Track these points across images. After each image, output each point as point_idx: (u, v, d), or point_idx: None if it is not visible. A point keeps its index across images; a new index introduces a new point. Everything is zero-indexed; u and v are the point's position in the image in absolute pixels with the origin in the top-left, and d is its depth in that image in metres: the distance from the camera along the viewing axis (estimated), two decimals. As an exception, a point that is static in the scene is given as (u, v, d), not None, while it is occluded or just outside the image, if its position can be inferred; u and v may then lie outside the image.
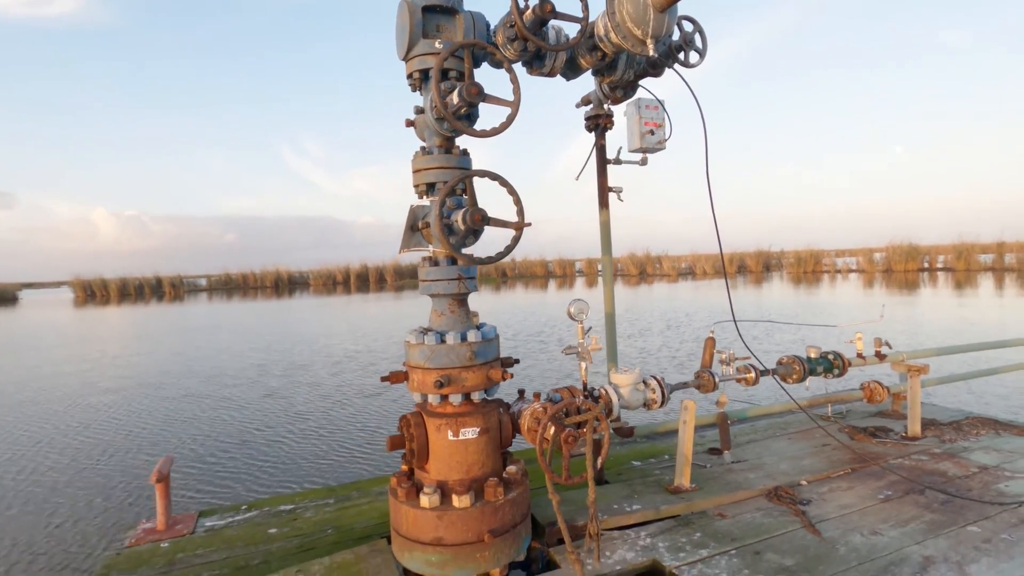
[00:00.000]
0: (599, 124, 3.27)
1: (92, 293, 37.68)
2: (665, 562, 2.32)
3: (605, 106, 3.24)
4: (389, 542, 2.45)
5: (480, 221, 2.04)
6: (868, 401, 3.90)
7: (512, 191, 2.08)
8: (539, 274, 44.40)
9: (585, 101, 3.34)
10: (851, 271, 33.13)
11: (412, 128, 2.43)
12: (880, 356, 3.62)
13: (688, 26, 2.59)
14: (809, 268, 34.99)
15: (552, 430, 2.19)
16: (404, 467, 2.43)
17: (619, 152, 3.34)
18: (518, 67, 2.49)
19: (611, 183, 3.39)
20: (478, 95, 2.01)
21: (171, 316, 22.90)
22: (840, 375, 3.37)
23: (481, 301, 24.37)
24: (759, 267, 37.75)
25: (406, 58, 2.29)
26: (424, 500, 2.17)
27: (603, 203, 3.35)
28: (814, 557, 2.32)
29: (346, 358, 10.84)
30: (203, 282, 44.43)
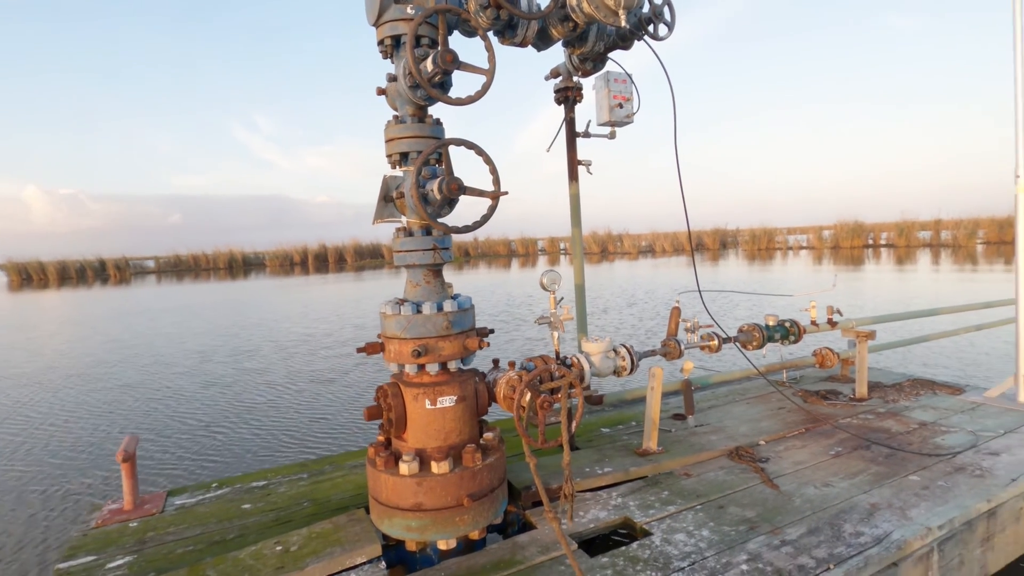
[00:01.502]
0: (568, 96, 3.29)
1: (28, 277, 35.52)
2: (636, 519, 2.44)
3: (574, 78, 3.26)
4: (367, 511, 2.48)
5: (456, 190, 2.04)
6: (820, 366, 4.12)
7: (488, 160, 2.09)
8: (502, 253, 44.44)
9: (554, 73, 3.34)
10: (802, 248, 34.52)
11: (383, 97, 2.38)
12: (832, 323, 3.82)
13: (656, -2, 2.62)
14: (763, 245, 36.24)
15: (528, 396, 2.24)
16: (381, 437, 2.44)
17: (588, 125, 3.38)
18: (490, 36, 2.47)
19: (580, 156, 3.43)
20: (453, 62, 2.00)
21: (122, 299, 21.87)
22: (796, 341, 3.55)
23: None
24: (716, 244, 38.86)
25: (377, 23, 2.24)
26: (403, 468, 2.19)
27: (573, 176, 3.39)
28: (772, 508, 2.47)
29: (301, 341, 10.65)
30: (151, 264, 42.54)
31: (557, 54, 3.23)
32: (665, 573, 2.04)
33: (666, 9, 2.66)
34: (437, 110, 2.40)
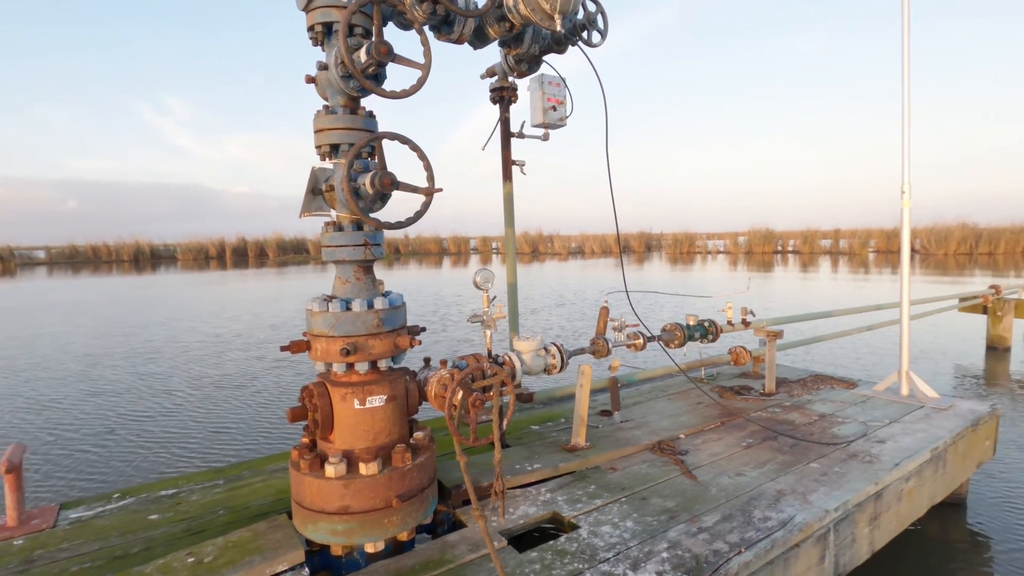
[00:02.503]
0: (504, 96, 3.31)
1: None
2: (564, 513, 2.49)
3: (510, 79, 3.28)
4: (290, 517, 2.38)
5: (389, 185, 2.00)
6: (734, 363, 4.39)
7: (422, 155, 2.06)
8: (433, 251, 43.98)
9: (490, 72, 3.35)
10: (719, 252, 36.64)
11: (312, 85, 2.29)
12: (746, 323, 4.09)
13: (592, 6, 2.69)
14: (684, 249, 38.15)
15: (460, 395, 2.24)
16: (305, 439, 2.35)
17: (523, 126, 3.41)
18: (426, 31, 2.44)
19: (514, 157, 3.46)
20: (388, 55, 1.95)
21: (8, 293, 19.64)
22: (714, 340, 3.76)
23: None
24: (641, 248, 40.44)
25: (307, 8, 2.15)
26: (330, 470, 2.12)
27: (507, 176, 3.41)
28: (691, 498, 2.61)
29: (209, 343, 10.05)
30: (42, 254, 38.52)
31: (493, 53, 3.25)
32: (591, 564, 2.10)
33: (599, 17, 2.73)
34: (369, 101, 2.34)
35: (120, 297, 17.35)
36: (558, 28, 2.26)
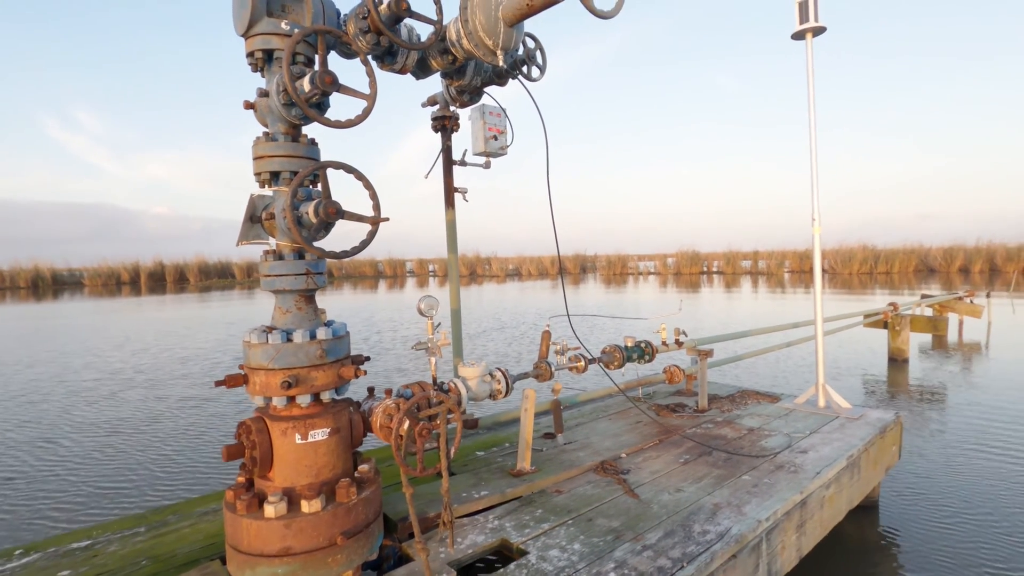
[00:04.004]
0: (445, 126, 3.36)
1: None
2: (512, 539, 2.49)
3: (451, 108, 3.34)
4: (223, 563, 2.24)
5: (335, 214, 1.98)
6: (669, 382, 4.58)
7: (368, 185, 2.06)
8: (369, 274, 43.04)
9: (431, 101, 3.39)
10: (650, 273, 38.16)
11: (252, 111, 2.24)
12: (679, 343, 4.28)
13: (531, 43, 2.80)
14: (617, 271, 39.44)
15: (407, 424, 2.21)
16: (240, 478, 2.23)
17: (464, 154, 3.47)
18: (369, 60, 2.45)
19: (456, 183, 3.50)
20: (332, 84, 1.95)
21: None
22: (650, 360, 3.92)
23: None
24: (576, 269, 41.43)
25: (246, 35, 2.12)
26: (269, 510, 2.02)
27: (449, 203, 3.45)
28: (635, 516, 2.68)
29: (101, 381, 9.35)
30: (-83, 281, 34.41)
31: (434, 82, 3.30)
32: (542, 590, 2.11)
33: (538, 53, 2.86)
34: (310, 128, 2.31)
35: (6, 329, 15.75)
36: (500, 63, 2.35)
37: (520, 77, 2.82)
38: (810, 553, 3.05)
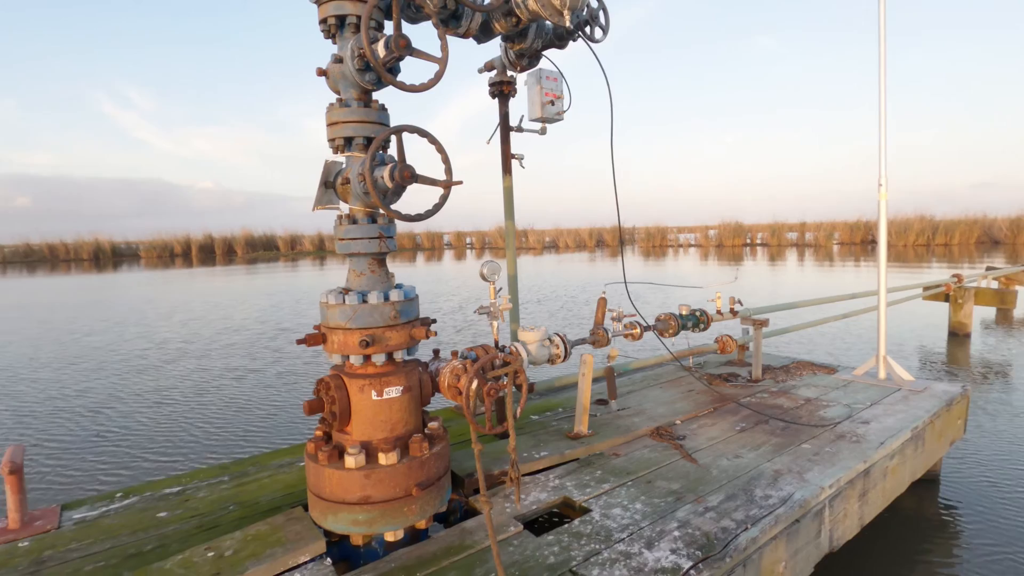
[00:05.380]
0: (503, 91, 3.34)
1: None
2: (575, 497, 2.56)
3: (509, 73, 3.31)
4: (305, 509, 2.39)
5: (409, 178, 2.02)
6: (721, 352, 4.54)
7: (440, 148, 2.09)
8: (407, 247, 43.61)
9: (488, 67, 3.37)
10: (691, 245, 37.35)
11: (324, 78, 2.29)
12: (734, 312, 4.23)
13: (595, 3, 2.74)
14: (657, 243, 38.75)
15: (475, 384, 2.28)
16: (319, 432, 2.36)
17: (521, 120, 3.45)
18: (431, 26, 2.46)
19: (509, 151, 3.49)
20: (406, 48, 1.97)
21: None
22: (705, 329, 3.89)
23: (345, 273, 23.34)
24: (614, 241, 40.90)
25: (320, 1, 2.15)
26: (350, 461, 2.14)
27: (506, 169, 3.45)
28: (694, 480, 2.71)
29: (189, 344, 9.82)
30: (-7, 253, 36.80)
31: (490, 48, 3.28)
32: (608, 544, 2.17)
33: (601, 13, 2.79)
34: (381, 94, 2.34)
35: (83, 300, 16.73)
36: (568, 23, 2.31)
37: (583, 38, 2.77)
38: (871, 523, 3.02)
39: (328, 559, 2.13)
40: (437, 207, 2.11)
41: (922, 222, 30.36)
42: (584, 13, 2.71)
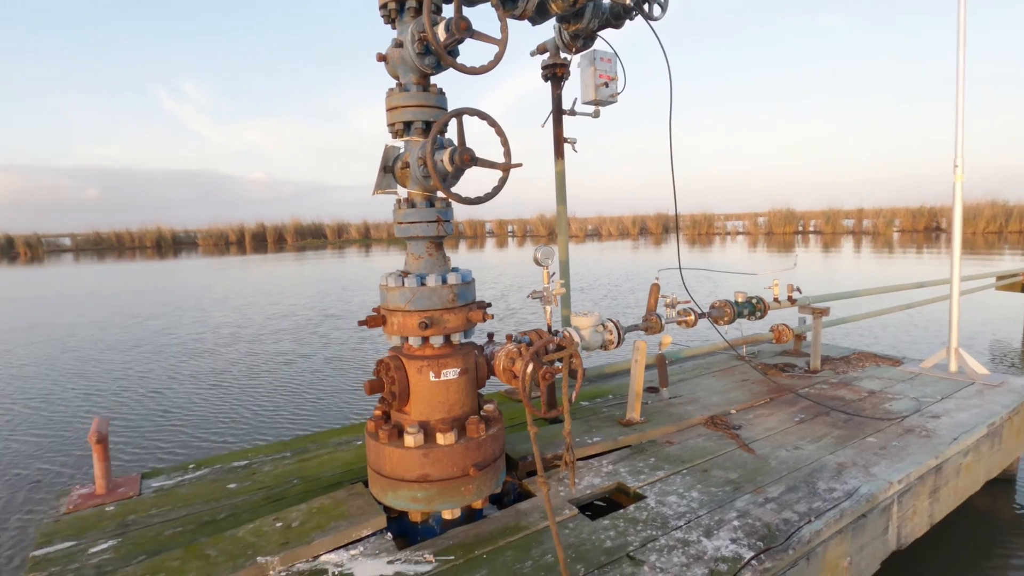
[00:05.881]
0: (556, 74, 3.30)
1: (-79, 253, 32.00)
2: (629, 484, 2.55)
3: (563, 55, 3.26)
4: (365, 486, 2.46)
5: (469, 161, 2.02)
6: (776, 341, 4.38)
7: (500, 131, 2.08)
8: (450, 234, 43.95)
9: (541, 49, 3.33)
10: (739, 233, 36.20)
11: (384, 63, 2.31)
12: (792, 301, 4.07)
13: (653, -22, 2.66)
14: (703, 230, 37.74)
15: (531, 367, 2.28)
16: (378, 411, 2.42)
17: (574, 103, 3.40)
18: (487, 8, 2.44)
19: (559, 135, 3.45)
20: (467, 30, 1.97)
21: (55, 280, 20.15)
22: (762, 317, 3.76)
23: (390, 260, 23.82)
24: (659, 229, 40.11)
25: (380, -15, 2.17)
26: (409, 440, 2.19)
27: (559, 153, 3.42)
28: (753, 470, 2.65)
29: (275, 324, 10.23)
30: (67, 241, 39.30)
31: (543, 30, 3.23)
32: (665, 531, 2.15)
33: (660, -11, 2.71)
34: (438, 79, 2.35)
35: (162, 284, 17.68)
36: (628, 0, 2.25)
37: (641, 16, 2.69)
38: (941, 521, 2.88)
39: (388, 534, 2.19)
40: (496, 189, 2.11)
41: (994, 208, 28.38)
42: (643, -10, 2.64)
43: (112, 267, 24.51)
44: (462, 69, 2.00)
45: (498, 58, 2.03)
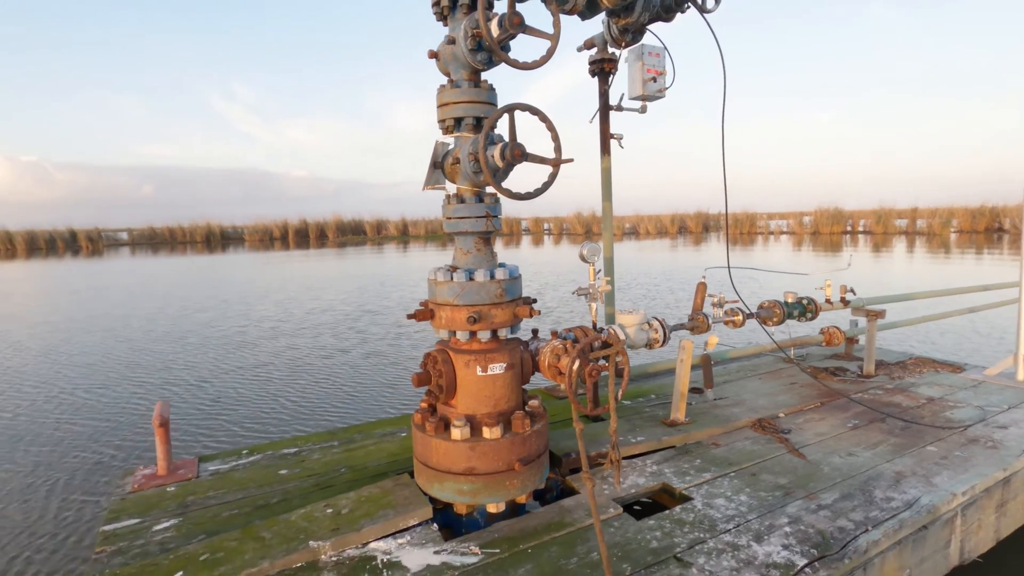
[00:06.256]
0: (604, 69, 3.27)
1: (-6, 246, 34.22)
2: (674, 484, 2.51)
3: (611, 50, 3.23)
4: (411, 476, 2.50)
5: (519, 156, 2.03)
6: (826, 344, 4.23)
7: (551, 127, 2.08)
8: (486, 232, 44.14)
9: (588, 45, 3.31)
10: (782, 233, 35.11)
11: (435, 60, 2.34)
12: (844, 302, 3.93)
13: (707, -30, 2.60)
14: (745, 230, 36.76)
15: (577, 364, 2.27)
16: (424, 403, 2.45)
17: (621, 98, 3.36)
18: (537, 4, 2.43)
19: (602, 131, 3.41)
20: (520, 25, 1.97)
21: (120, 272, 21.28)
22: (812, 319, 3.64)
23: (428, 257, 24.12)
24: (699, 228, 39.28)
25: (433, -17, 2.19)
26: (456, 432, 2.21)
27: (605, 149, 3.39)
28: (804, 475, 2.57)
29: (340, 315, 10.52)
30: (124, 236, 41.32)
31: (592, 23, 3.20)
32: (713, 535, 2.11)
33: (715, -19, 2.65)
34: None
35: (225, 278, 18.42)
36: (682, -7, 2.21)
37: (695, 8, 2.64)
38: (1009, 536, 2.73)
39: (434, 524, 2.22)
40: (547, 185, 2.11)
41: (1063, 208, 26.64)
42: (696, -18, 2.58)
43: (165, 261, 25.65)
44: (514, 64, 2.01)
45: (550, 53, 2.02)
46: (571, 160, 2.07)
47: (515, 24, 1.95)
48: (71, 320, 10.43)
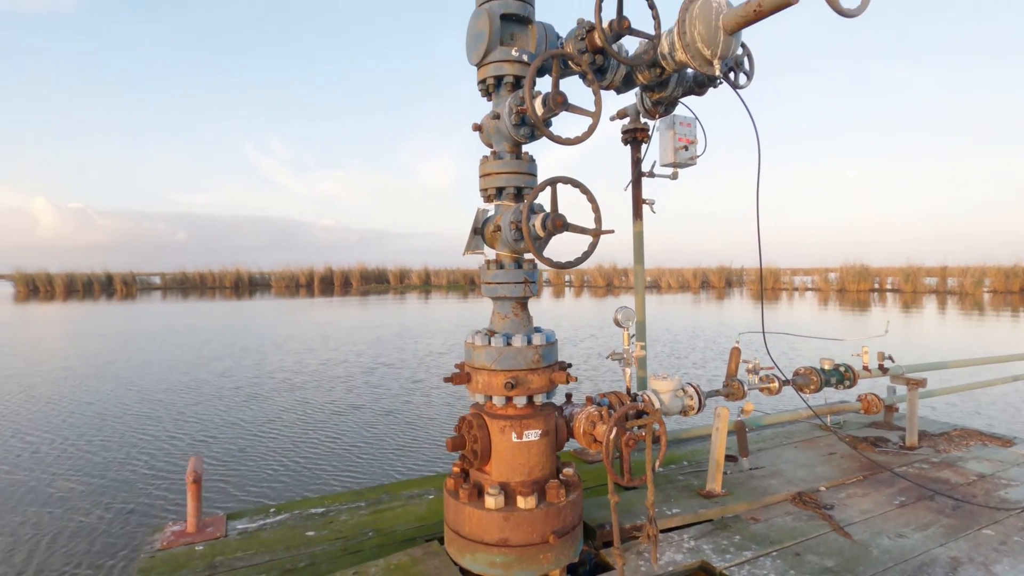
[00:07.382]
0: (636, 138, 3.37)
1: (35, 288, 35.56)
2: (714, 563, 2.40)
3: (643, 120, 3.35)
4: (440, 543, 2.44)
5: (561, 227, 2.08)
6: (865, 412, 4.09)
7: (592, 198, 2.14)
8: (507, 283, 44.42)
9: (621, 115, 3.43)
10: (807, 289, 34.62)
11: (478, 132, 2.45)
12: (883, 369, 3.83)
13: (739, 49, 2.71)
14: (768, 285, 36.35)
15: (615, 433, 2.24)
16: (456, 467, 2.43)
17: (653, 165, 3.45)
18: (575, 80, 2.56)
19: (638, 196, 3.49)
20: (563, 104, 2.06)
21: (146, 315, 21.85)
22: (851, 387, 3.54)
23: (447, 308, 24.28)
24: (721, 283, 39.00)
25: (480, 63, 2.33)
26: (489, 501, 2.17)
27: (637, 214, 3.45)
28: (851, 558, 2.43)
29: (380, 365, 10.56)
30: (157, 280, 42.61)
31: (625, 94, 3.33)
32: (759, 622, 2.00)
33: (746, 59, 2.76)
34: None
35: (268, 323, 18.75)
36: (716, 73, 2.31)
37: (727, 84, 2.74)
38: (1079, 634, 2.52)
39: (465, 598, 2.15)
40: (586, 254, 2.15)
41: (1102, 269, 25.88)
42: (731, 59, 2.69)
43: (193, 305, 26.25)
44: (557, 140, 2.09)
45: (591, 130, 2.11)
46: (612, 231, 2.11)
47: (559, 103, 2.05)
48: (89, 366, 10.54)
